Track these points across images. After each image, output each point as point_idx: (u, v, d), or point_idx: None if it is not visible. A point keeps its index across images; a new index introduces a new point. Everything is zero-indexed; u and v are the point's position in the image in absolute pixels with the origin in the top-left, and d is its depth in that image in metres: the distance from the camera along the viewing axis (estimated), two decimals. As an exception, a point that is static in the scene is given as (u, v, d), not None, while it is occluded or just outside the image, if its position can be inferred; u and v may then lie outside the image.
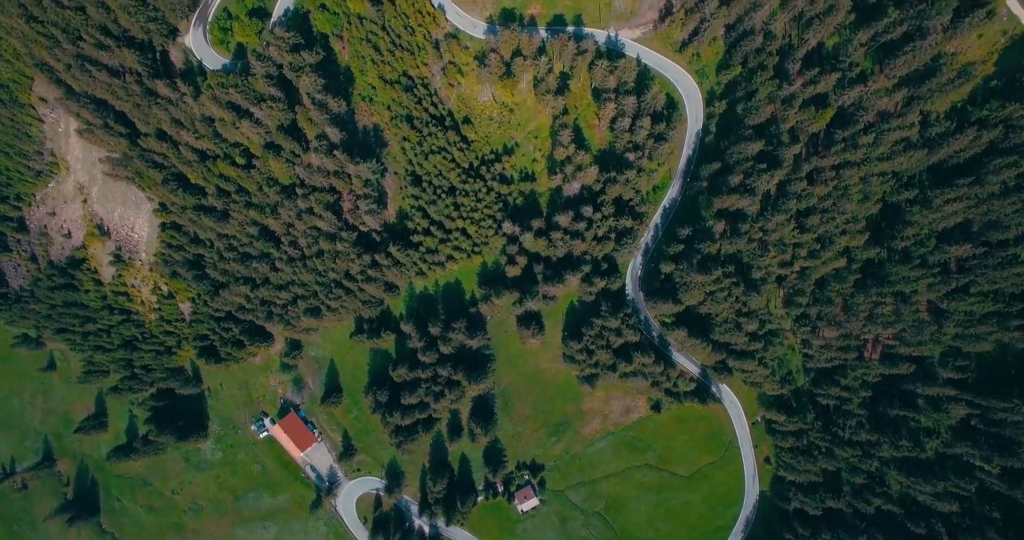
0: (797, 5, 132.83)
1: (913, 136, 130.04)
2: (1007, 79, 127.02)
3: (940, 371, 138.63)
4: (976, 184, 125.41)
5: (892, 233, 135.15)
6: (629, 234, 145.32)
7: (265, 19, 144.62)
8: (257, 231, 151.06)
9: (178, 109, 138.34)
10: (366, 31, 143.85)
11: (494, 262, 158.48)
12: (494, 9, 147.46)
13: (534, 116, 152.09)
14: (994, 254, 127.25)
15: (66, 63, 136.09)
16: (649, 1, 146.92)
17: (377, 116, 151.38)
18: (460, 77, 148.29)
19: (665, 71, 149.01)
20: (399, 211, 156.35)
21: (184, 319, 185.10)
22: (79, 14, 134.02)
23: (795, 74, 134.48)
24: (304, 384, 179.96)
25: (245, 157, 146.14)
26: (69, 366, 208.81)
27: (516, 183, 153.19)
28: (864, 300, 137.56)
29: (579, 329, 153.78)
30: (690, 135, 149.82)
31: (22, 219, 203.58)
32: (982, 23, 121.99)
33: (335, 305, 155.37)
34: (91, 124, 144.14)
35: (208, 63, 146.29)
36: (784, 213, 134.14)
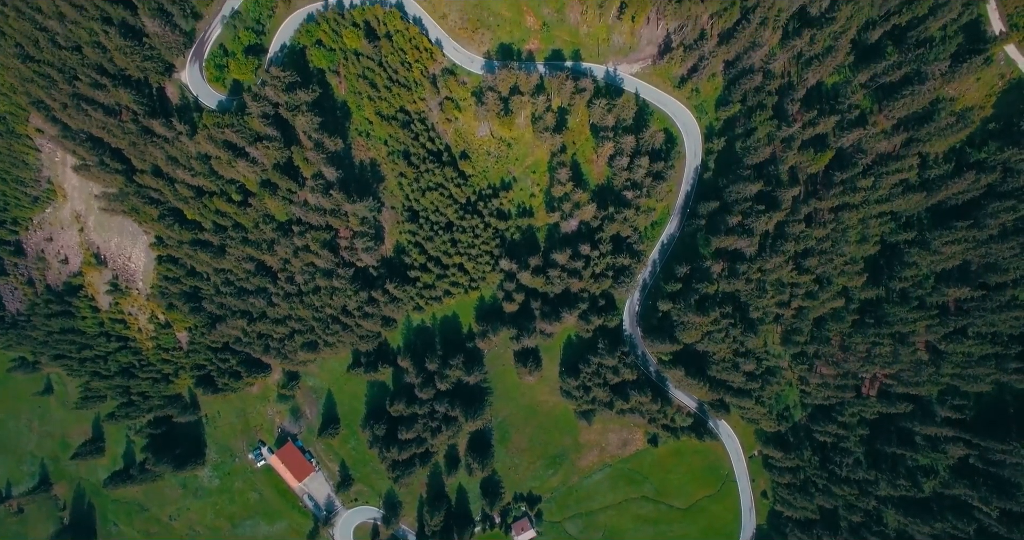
0: (796, 45, 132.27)
1: (912, 178, 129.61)
2: (1005, 122, 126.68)
3: (938, 409, 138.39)
4: (975, 227, 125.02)
5: (891, 274, 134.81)
6: (627, 272, 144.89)
7: (261, 55, 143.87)
8: (254, 266, 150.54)
9: (174, 147, 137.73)
10: (363, 67, 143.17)
11: (491, 296, 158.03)
12: (492, 44, 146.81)
13: (532, 151, 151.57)
14: (993, 297, 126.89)
15: (62, 102, 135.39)
16: (648, 37, 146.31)
17: (374, 151, 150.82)
18: (457, 112, 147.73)
19: (664, 106, 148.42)
20: (396, 245, 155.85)
21: (181, 348, 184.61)
22: (75, 54, 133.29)
23: (794, 114, 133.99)
24: (302, 414, 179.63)
25: (241, 194, 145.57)
26: (66, 390, 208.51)
27: (514, 218, 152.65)
28: (862, 340, 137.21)
29: (576, 365, 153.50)
30: (688, 171, 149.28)
31: (19, 243, 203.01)
32: (980, 68, 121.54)
33: (332, 340, 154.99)
34: (87, 161, 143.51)
35: (204, 99, 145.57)
36: (782, 255, 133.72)
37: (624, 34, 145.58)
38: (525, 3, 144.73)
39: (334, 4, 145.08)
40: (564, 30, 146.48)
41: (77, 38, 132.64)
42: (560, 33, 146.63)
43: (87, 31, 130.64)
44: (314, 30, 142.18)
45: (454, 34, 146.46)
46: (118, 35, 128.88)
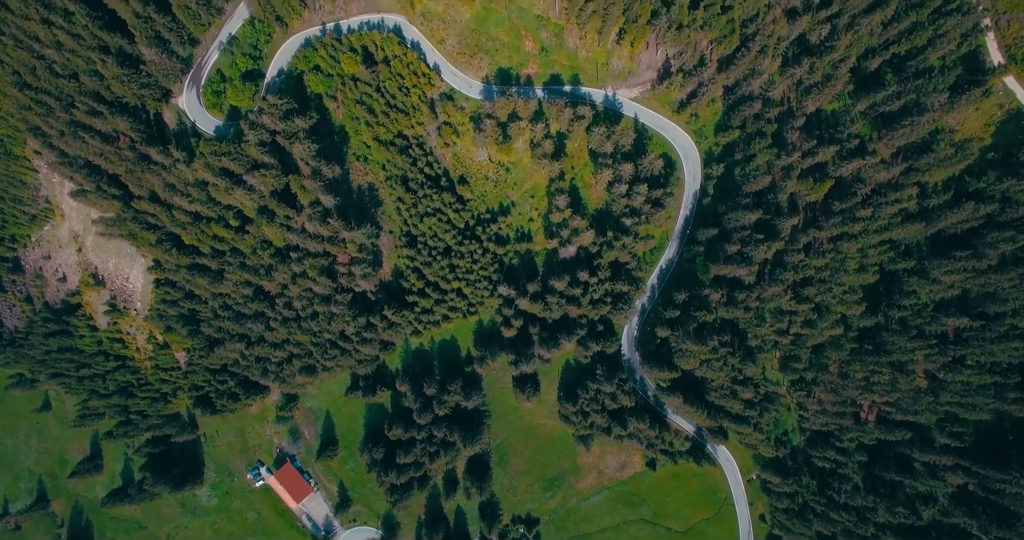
0: (796, 73, 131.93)
1: (911, 207, 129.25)
2: (1004, 152, 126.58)
3: (936, 436, 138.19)
4: (974, 257, 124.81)
5: (889, 302, 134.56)
6: (625, 299, 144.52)
7: (258, 80, 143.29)
8: (251, 291, 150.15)
9: (171, 174, 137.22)
10: (360, 93, 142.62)
11: (490, 320, 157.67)
12: (490, 69, 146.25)
13: (530, 175, 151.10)
14: (992, 327, 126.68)
15: (59, 130, 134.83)
16: (647, 61, 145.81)
17: (372, 175, 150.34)
18: (455, 137, 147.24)
19: (663, 130, 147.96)
20: (394, 269, 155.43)
21: (179, 368, 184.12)
22: (72, 81, 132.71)
23: (794, 142, 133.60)
24: (300, 435, 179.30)
25: (239, 219, 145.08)
26: (64, 407, 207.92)
27: (512, 243, 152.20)
28: (860, 368, 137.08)
29: (574, 390, 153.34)
30: (688, 195, 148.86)
31: (17, 260, 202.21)
32: (979, 100, 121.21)
33: (330, 364, 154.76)
34: (84, 187, 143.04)
35: (201, 125, 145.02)
36: (781, 284, 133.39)
37: (623, 59, 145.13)
38: (523, 28, 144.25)
39: (331, 29, 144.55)
40: (563, 54, 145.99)
41: (74, 66, 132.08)
42: (559, 57, 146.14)
43: (84, 60, 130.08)
44: (311, 56, 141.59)
45: (452, 59, 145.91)
46: (115, 64, 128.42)
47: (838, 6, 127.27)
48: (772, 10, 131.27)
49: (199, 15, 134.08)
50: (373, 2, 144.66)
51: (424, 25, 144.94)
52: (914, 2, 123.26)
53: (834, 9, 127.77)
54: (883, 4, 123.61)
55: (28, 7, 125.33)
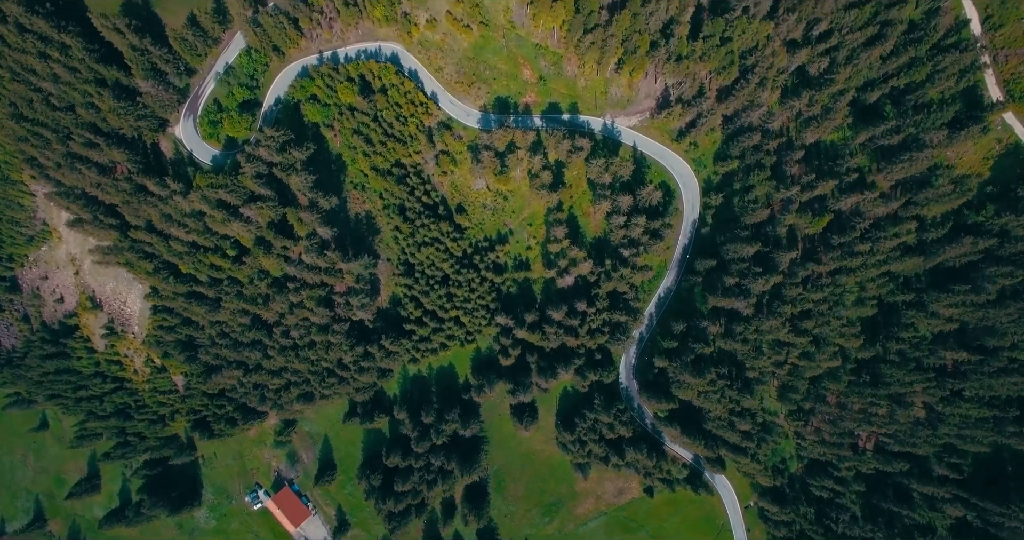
0: (795, 105, 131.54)
1: (910, 240, 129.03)
2: (1002, 186, 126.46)
3: (935, 467, 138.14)
4: (973, 292, 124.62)
5: (888, 334, 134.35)
6: (623, 329, 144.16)
7: (255, 109, 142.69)
8: (249, 320, 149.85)
9: (168, 206, 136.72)
10: (357, 122, 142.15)
11: (488, 347, 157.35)
12: (488, 98, 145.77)
13: (528, 203, 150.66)
14: (990, 362, 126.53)
15: (56, 162, 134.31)
16: (646, 90, 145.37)
17: (369, 203, 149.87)
18: (453, 166, 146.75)
19: (661, 159, 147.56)
20: (392, 296, 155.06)
21: (177, 391, 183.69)
22: (68, 114, 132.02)
23: (792, 174, 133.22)
24: (298, 458, 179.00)
25: (236, 249, 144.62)
26: (62, 426, 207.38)
27: (510, 271, 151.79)
28: (858, 400, 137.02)
29: (572, 419, 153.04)
30: (686, 224, 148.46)
31: (14, 279, 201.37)
32: (977, 136, 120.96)
33: (328, 392, 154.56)
34: (81, 217, 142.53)
35: (198, 154, 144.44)
36: (779, 317, 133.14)
37: (622, 87, 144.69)
38: (522, 56, 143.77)
39: (328, 58, 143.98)
40: (561, 83, 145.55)
41: (71, 99, 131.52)
42: (557, 86, 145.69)
43: (80, 93, 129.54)
44: (308, 85, 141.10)
45: (450, 87, 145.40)
46: (111, 97, 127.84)
47: (837, 39, 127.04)
48: (771, 42, 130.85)
49: (195, 46, 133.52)
50: (370, 30, 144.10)
51: (422, 53, 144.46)
52: (913, 37, 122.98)
53: (833, 42, 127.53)
54: (882, 39, 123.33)
55: (25, 41, 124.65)
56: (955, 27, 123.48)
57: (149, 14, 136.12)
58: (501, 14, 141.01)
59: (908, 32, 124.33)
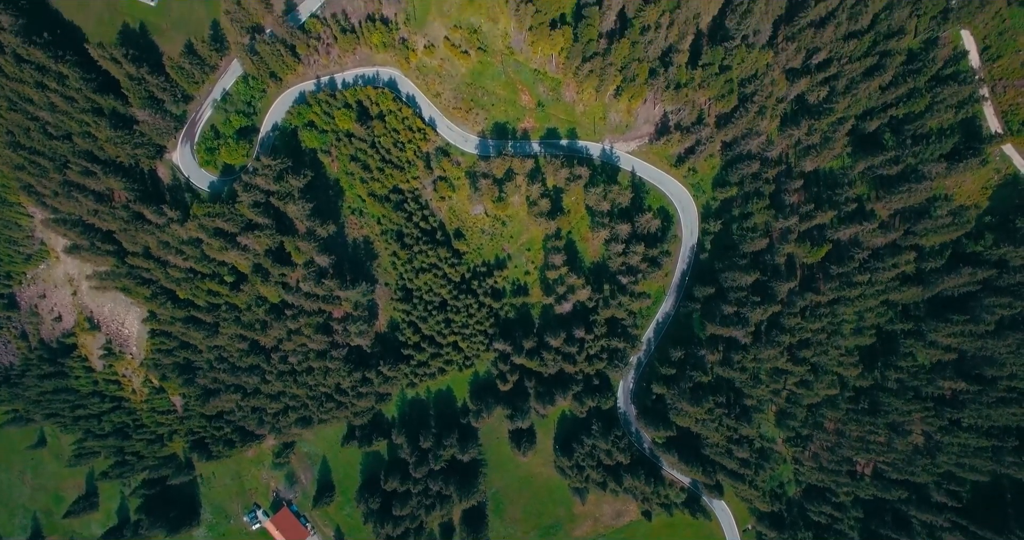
0: (794, 134, 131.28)
1: (909, 270, 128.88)
2: (1001, 216, 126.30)
3: (933, 494, 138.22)
4: (971, 322, 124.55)
5: (886, 362, 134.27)
6: (621, 356, 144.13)
7: (252, 135, 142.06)
8: (247, 345, 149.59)
9: (165, 233, 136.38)
10: (355, 148, 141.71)
11: (486, 371, 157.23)
12: (486, 124, 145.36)
13: (527, 228, 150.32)
14: (988, 392, 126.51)
15: (53, 190, 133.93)
16: (645, 115, 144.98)
17: (367, 228, 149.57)
18: (451, 191, 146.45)
19: (660, 184, 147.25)
20: (390, 321, 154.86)
21: (176, 411, 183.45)
22: (65, 142, 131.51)
23: (791, 203, 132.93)
24: (297, 479, 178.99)
25: (234, 275, 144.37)
26: (60, 443, 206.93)
27: (508, 296, 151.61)
28: (857, 428, 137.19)
29: (570, 443, 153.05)
30: (685, 249, 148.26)
31: (12, 296, 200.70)
32: (976, 168, 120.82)
33: (327, 417, 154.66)
34: (78, 244, 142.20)
35: (195, 180, 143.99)
36: (777, 346, 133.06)
37: (620, 113, 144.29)
38: (520, 82, 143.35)
39: (326, 83, 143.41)
40: (560, 108, 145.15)
41: (68, 128, 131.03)
42: (556, 111, 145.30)
43: (78, 123, 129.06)
44: (305, 112, 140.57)
45: (448, 113, 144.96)
46: (108, 127, 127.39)
47: (836, 68, 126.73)
48: (770, 71, 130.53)
49: (192, 74, 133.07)
50: (368, 56, 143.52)
51: (419, 79, 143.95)
52: (912, 68, 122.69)
53: (832, 71, 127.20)
54: (881, 69, 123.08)
55: (22, 71, 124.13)
56: (953, 58, 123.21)
57: (146, 42, 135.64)
58: (499, 40, 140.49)
59: (907, 62, 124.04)
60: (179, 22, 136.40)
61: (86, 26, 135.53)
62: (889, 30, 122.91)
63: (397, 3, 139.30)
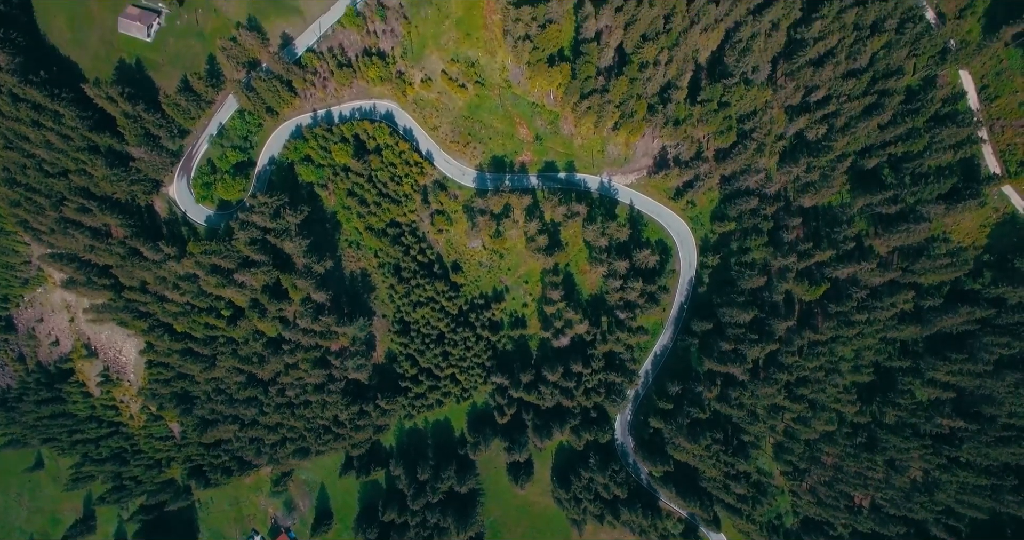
0: (793, 172, 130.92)
1: (907, 308, 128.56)
2: (999, 254, 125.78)
3: (932, 528, 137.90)
4: (970, 361, 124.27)
5: (884, 399, 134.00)
6: (619, 390, 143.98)
7: (249, 170, 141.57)
8: (244, 378, 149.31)
9: (162, 269, 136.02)
10: (352, 183, 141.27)
11: (484, 402, 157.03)
12: (484, 157, 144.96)
13: (524, 260, 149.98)
14: (987, 431, 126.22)
15: (49, 227, 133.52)
16: (643, 149, 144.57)
17: (364, 261, 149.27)
18: (448, 225, 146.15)
19: (658, 216, 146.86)
20: (387, 352, 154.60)
21: (174, 438, 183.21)
22: (61, 179, 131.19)
23: (790, 241, 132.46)
24: (295, 506, 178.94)
25: (230, 309, 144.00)
26: (57, 465, 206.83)
27: (506, 329, 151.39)
28: (854, 464, 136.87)
29: (567, 475, 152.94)
30: (683, 281, 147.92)
31: (10, 318, 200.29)
32: (975, 209, 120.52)
33: (324, 448, 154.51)
34: (75, 279, 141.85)
35: (192, 214, 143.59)
36: (775, 384, 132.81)
37: (619, 146, 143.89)
38: (518, 115, 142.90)
39: (322, 116, 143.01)
40: (558, 141, 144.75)
41: (64, 165, 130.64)
42: (554, 144, 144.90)
43: (73, 161, 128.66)
44: (301, 147, 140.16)
45: (445, 146, 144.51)
46: (104, 165, 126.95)
47: (835, 106, 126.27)
48: (769, 109, 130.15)
49: (188, 110, 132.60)
50: (364, 89, 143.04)
51: (417, 112, 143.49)
52: (911, 108, 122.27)
53: (831, 108, 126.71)
54: (880, 108, 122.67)
55: (19, 110, 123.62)
56: (952, 97, 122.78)
57: (143, 77, 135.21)
58: (497, 73, 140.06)
59: (906, 101, 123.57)
60: (175, 57, 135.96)
61: (83, 62, 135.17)
62: (888, 69, 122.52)
63: (394, 37, 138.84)
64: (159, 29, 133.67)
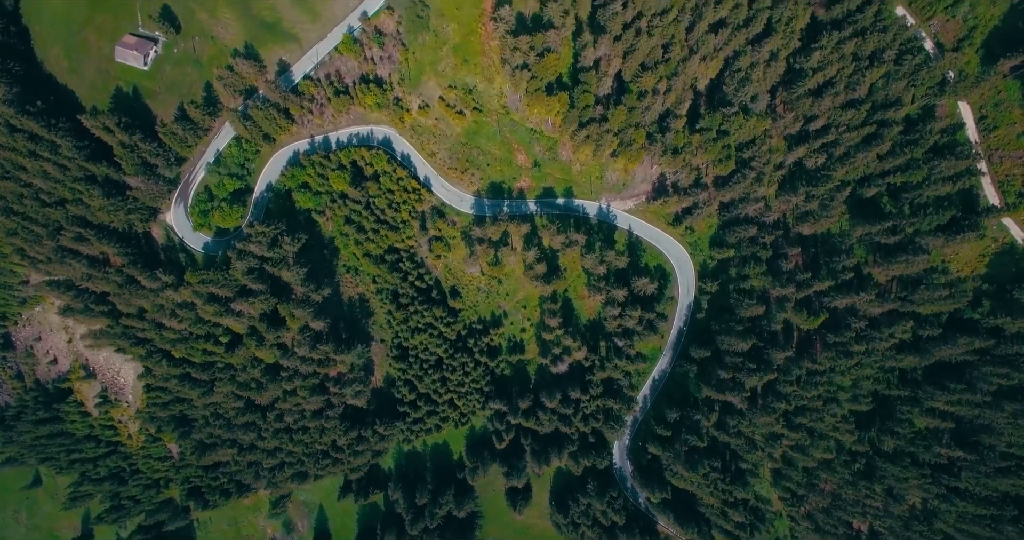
0: (792, 201, 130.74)
1: (906, 337, 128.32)
2: (998, 284, 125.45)
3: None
4: (969, 391, 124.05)
5: (883, 428, 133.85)
6: (617, 418, 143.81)
7: (246, 196, 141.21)
8: (243, 403, 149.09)
9: (159, 297, 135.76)
10: (349, 209, 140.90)
11: (482, 426, 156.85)
12: (482, 183, 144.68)
13: (523, 285, 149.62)
14: (987, 462, 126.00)
15: (46, 256, 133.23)
16: (642, 174, 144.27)
17: (363, 286, 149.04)
18: (447, 251, 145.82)
19: (657, 242, 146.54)
20: (386, 377, 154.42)
21: (172, 457, 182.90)
22: (59, 208, 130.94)
23: (788, 270, 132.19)
24: (294, 527, 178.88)
25: (228, 335, 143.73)
26: (55, 483, 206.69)
27: (504, 353, 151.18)
28: (853, 492, 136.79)
29: (566, 499, 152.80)
30: (682, 306, 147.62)
31: (8, 335, 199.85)
32: (973, 241, 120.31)
33: (323, 473, 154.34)
34: (72, 307, 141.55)
35: (190, 241, 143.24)
36: (773, 412, 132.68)
37: (618, 172, 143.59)
38: (516, 141, 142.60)
39: (320, 142, 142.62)
40: (556, 168, 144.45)
41: (60, 195, 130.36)
42: (552, 171, 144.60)
43: (70, 191, 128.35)
44: (299, 174, 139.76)
45: (443, 172, 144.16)
46: (101, 195, 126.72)
47: (834, 135, 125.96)
48: (768, 139, 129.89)
49: (185, 138, 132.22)
50: (362, 115, 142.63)
51: (414, 138, 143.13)
52: (910, 139, 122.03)
53: (830, 138, 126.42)
54: (879, 139, 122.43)
55: (15, 140, 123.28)
56: (950, 128, 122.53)
57: (139, 106, 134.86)
58: (495, 99, 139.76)
59: (905, 132, 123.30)
60: (172, 85, 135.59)
61: (80, 90, 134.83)
62: (887, 100, 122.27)
63: (391, 63, 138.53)
64: (156, 57, 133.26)
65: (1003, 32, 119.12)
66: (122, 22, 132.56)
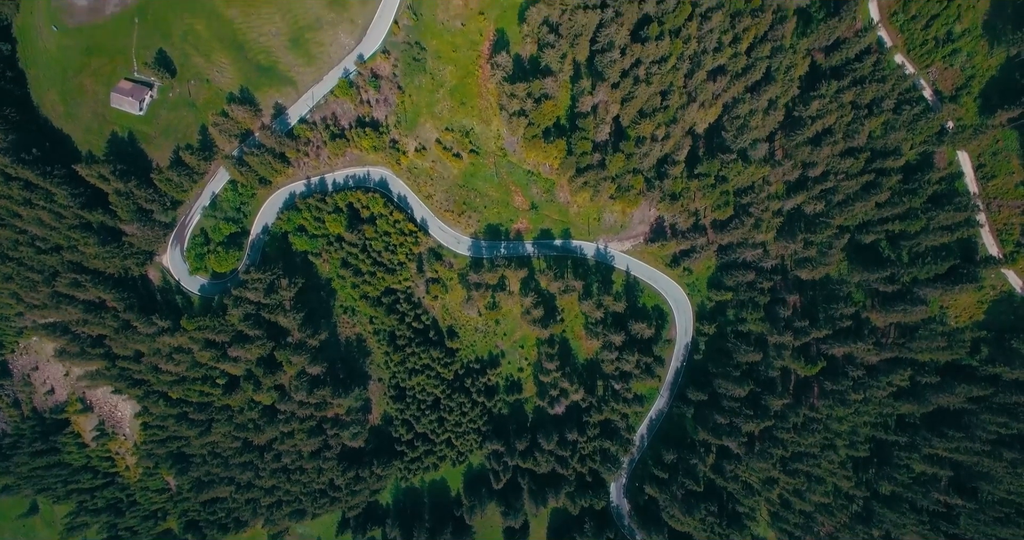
0: (790, 247, 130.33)
1: (904, 384, 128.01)
2: (996, 332, 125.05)
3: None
4: (967, 439, 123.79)
5: (880, 473, 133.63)
6: (613, 459, 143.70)
7: (242, 239, 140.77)
8: (240, 444, 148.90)
9: (156, 342, 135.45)
10: (346, 252, 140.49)
11: (480, 464, 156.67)
12: (479, 225, 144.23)
13: (520, 326, 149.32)
14: (985, 510, 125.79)
15: (42, 303, 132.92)
16: (640, 216, 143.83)
17: (360, 327, 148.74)
18: (444, 292, 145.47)
19: (655, 282, 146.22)
20: (383, 415, 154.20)
21: (170, 490, 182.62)
22: (54, 255, 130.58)
23: (786, 317, 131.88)
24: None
25: (226, 378, 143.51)
26: (52, 510, 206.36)
27: (502, 393, 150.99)
28: (851, 536, 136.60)
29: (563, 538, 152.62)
30: (679, 347, 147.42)
31: (5, 363, 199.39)
32: (972, 291, 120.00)
33: (320, 511, 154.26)
34: (68, 350, 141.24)
35: (186, 283, 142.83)
36: (770, 459, 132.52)
37: (616, 213, 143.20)
38: (513, 183, 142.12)
39: (316, 184, 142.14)
40: (554, 209, 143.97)
41: (56, 242, 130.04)
42: (549, 212, 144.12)
43: (65, 238, 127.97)
44: (295, 217, 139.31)
45: (440, 214, 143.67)
46: (96, 242, 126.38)
47: (833, 182, 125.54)
48: (767, 186, 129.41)
49: (181, 183, 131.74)
50: (358, 157, 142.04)
51: (411, 179, 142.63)
52: (908, 188, 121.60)
53: (829, 184, 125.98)
54: (877, 187, 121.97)
55: (11, 188, 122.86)
56: (949, 177, 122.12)
57: (135, 150, 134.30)
58: (492, 141, 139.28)
59: (903, 180, 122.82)
60: (168, 129, 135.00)
61: (75, 135, 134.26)
62: (885, 148, 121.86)
63: (388, 106, 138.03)
64: (151, 101, 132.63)
65: (1000, 82, 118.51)
66: (118, 67, 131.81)
